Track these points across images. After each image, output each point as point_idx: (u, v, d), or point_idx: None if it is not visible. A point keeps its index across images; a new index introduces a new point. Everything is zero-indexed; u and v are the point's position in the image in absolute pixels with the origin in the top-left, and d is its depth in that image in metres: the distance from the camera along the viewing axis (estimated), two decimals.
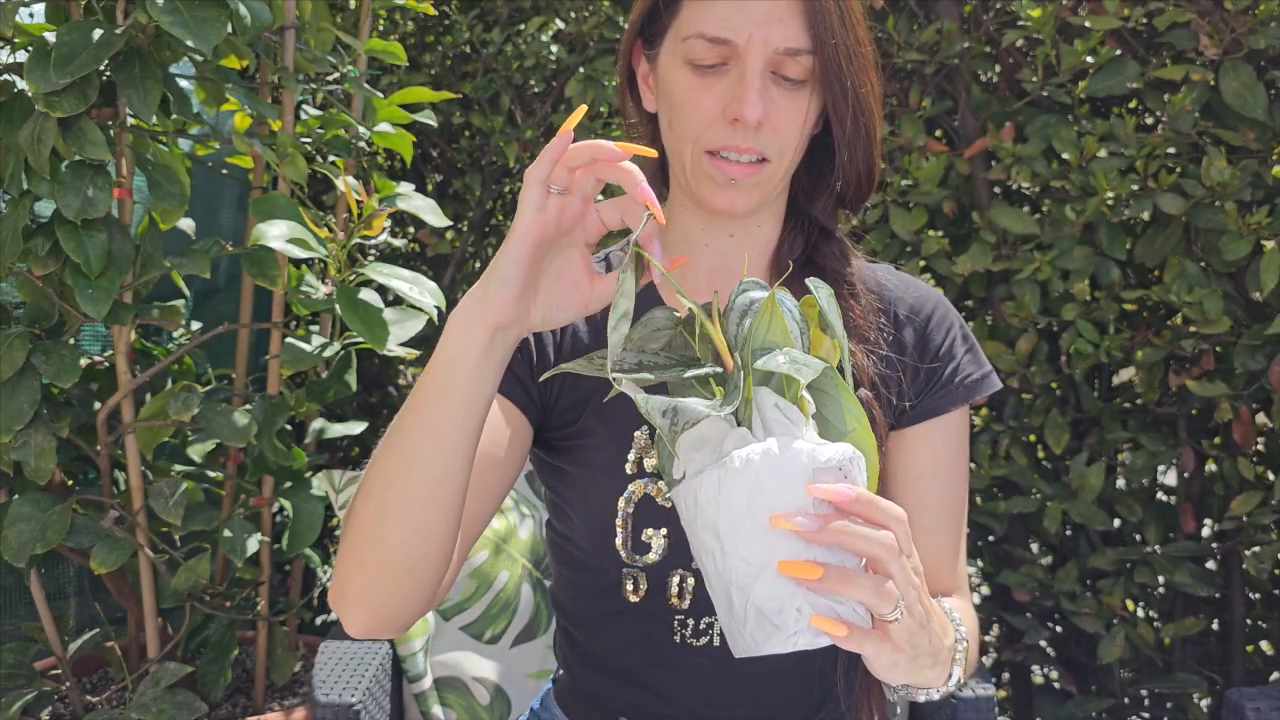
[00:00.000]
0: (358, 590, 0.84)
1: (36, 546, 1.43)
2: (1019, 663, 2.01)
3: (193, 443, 1.76)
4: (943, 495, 1.05)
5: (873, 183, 1.06)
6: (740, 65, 0.94)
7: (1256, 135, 1.64)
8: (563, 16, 2.29)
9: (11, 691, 1.53)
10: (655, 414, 0.67)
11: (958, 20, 1.86)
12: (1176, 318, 1.77)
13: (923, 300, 1.09)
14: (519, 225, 0.77)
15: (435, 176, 2.53)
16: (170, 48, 1.44)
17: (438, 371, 0.81)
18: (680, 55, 0.97)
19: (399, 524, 0.81)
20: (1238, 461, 1.68)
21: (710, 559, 0.70)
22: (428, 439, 0.80)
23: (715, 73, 0.96)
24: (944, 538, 1.04)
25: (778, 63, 0.95)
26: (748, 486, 0.67)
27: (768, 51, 0.93)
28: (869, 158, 1.03)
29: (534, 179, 0.77)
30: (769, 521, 0.66)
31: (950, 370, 1.06)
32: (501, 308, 0.78)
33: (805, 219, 1.08)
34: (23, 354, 1.41)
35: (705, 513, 0.69)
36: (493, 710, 1.56)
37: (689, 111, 0.97)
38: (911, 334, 1.07)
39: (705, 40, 0.94)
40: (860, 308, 1.04)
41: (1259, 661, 1.89)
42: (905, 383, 1.05)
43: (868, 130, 1.00)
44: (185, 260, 1.51)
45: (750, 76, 0.93)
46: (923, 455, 1.05)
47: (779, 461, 0.67)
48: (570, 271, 0.83)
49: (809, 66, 0.95)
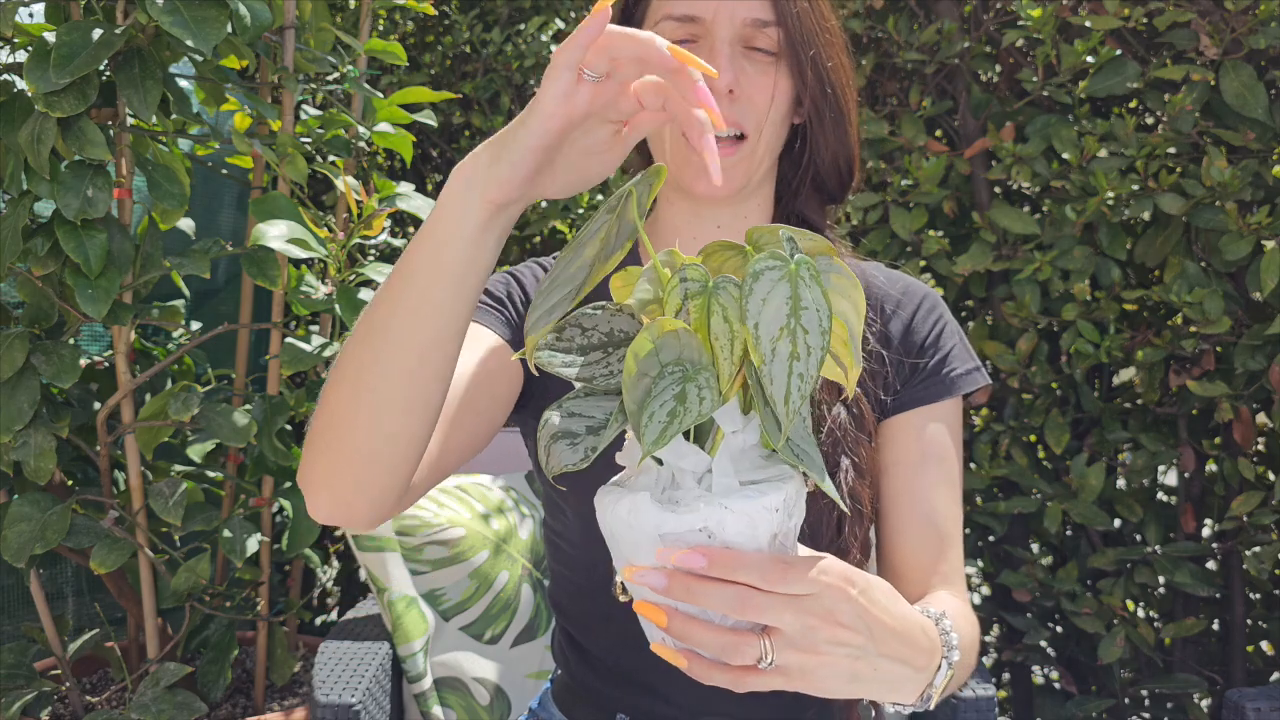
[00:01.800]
0: (323, 473, 0.78)
1: (36, 547, 1.43)
2: (1019, 663, 2.01)
3: (192, 443, 1.76)
4: (929, 486, 1.04)
5: (852, 168, 1.07)
6: (709, 40, 0.97)
7: (1257, 135, 1.64)
8: (562, 16, 2.29)
9: (11, 691, 1.53)
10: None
11: (958, 20, 1.86)
12: (1177, 318, 1.77)
13: (910, 292, 1.10)
14: (541, 109, 0.68)
15: (435, 176, 2.53)
16: (170, 48, 1.44)
17: (428, 242, 0.73)
18: None
19: (371, 403, 0.75)
20: (1238, 462, 1.68)
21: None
22: (412, 313, 0.73)
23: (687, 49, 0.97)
24: (928, 530, 1.04)
25: (747, 35, 0.98)
26: (630, 523, 0.65)
27: (734, 24, 0.97)
28: (844, 137, 1.05)
29: (563, 64, 0.68)
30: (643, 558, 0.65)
31: (936, 361, 1.06)
32: (510, 186, 0.71)
33: (792, 216, 1.09)
34: (22, 354, 1.41)
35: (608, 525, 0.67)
36: (492, 710, 1.56)
37: None
38: (898, 325, 1.07)
39: (674, 20, 0.98)
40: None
41: (1259, 662, 1.89)
42: (890, 374, 1.05)
43: (838, 106, 1.03)
44: (185, 260, 1.51)
45: (719, 45, 0.97)
46: (908, 445, 1.05)
47: (636, 518, 0.65)
48: (596, 147, 0.75)
49: (777, 39, 0.98)
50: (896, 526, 1.04)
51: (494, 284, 1.04)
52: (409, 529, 1.62)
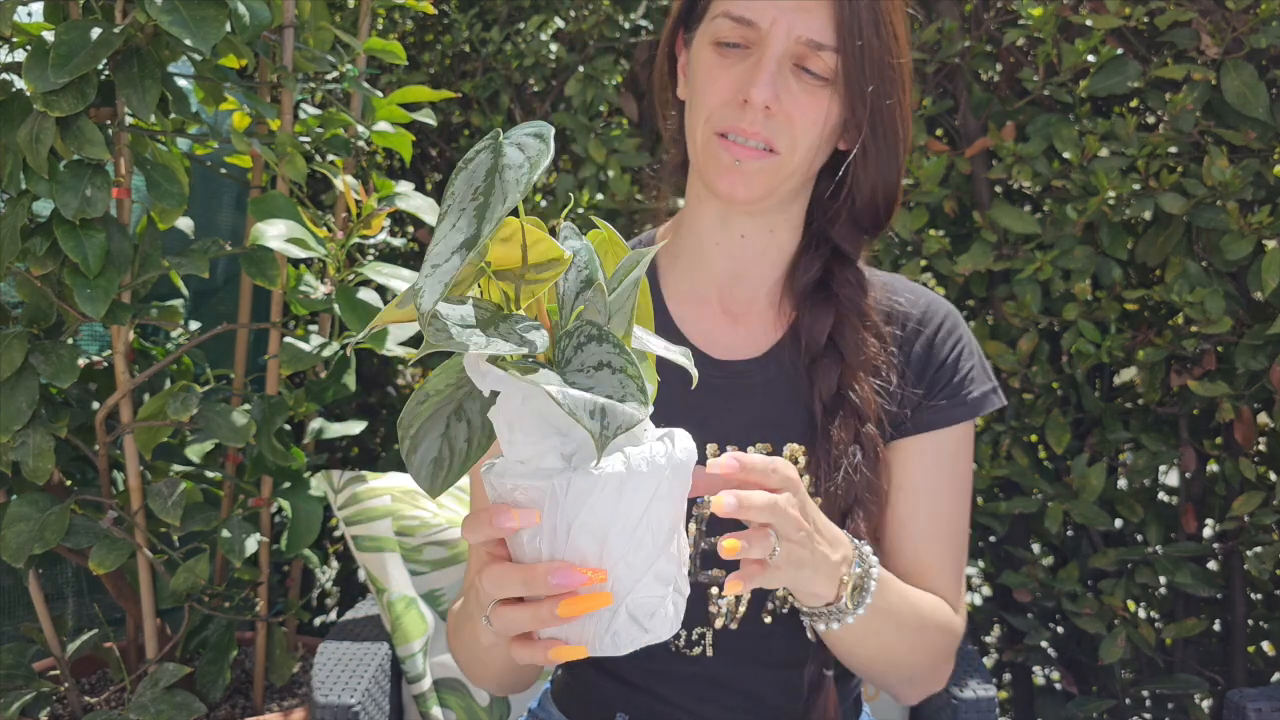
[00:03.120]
0: (476, 680, 1.08)
1: (35, 547, 1.42)
2: (1020, 663, 2.01)
3: (191, 443, 1.75)
4: (935, 509, 1.04)
5: (892, 206, 1.04)
6: (760, 49, 0.94)
7: (1258, 135, 1.64)
8: (562, 15, 2.29)
9: (10, 692, 1.53)
10: (582, 414, 0.59)
11: (958, 19, 1.86)
12: (1178, 318, 1.76)
13: (933, 312, 1.08)
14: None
15: (434, 176, 2.53)
16: (169, 47, 1.44)
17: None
18: (709, 35, 0.98)
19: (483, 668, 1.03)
20: (1239, 462, 1.68)
21: (577, 558, 0.66)
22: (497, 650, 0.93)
23: (737, 53, 0.96)
24: (933, 550, 1.03)
25: (800, 54, 0.94)
26: (650, 493, 0.64)
27: (789, 39, 0.93)
28: (889, 179, 1.01)
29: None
30: (657, 525, 0.65)
31: (956, 383, 1.05)
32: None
33: (824, 240, 1.07)
34: (21, 354, 1.40)
35: (594, 518, 0.64)
36: (492, 711, 1.56)
37: (705, 90, 0.97)
38: (921, 346, 1.06)
39: (731, 19, 0.95)
40: (872, 339, 1.03)
41: (1260, 662, 1.89)
42: (908, 414, 1.04)
43: (889, 144, 0.99)
44: (184, 260, 1.51)
45: (766, 60, 0.93)
46: (917, 467, 1.04)
47: (682, 468, 0.66)
48: None
49: (833, 65, 0.94)
50: (901, 548, 1.04)
51: None
52: (409, 529, 1.62)
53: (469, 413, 0.68)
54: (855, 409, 0.99)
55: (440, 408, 0.68)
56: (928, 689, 1.06)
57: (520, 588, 0.67)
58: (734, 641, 1.02)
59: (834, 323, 1.03)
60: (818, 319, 1.03)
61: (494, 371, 0.64)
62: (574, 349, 0.62)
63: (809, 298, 1.04)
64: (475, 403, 0.68)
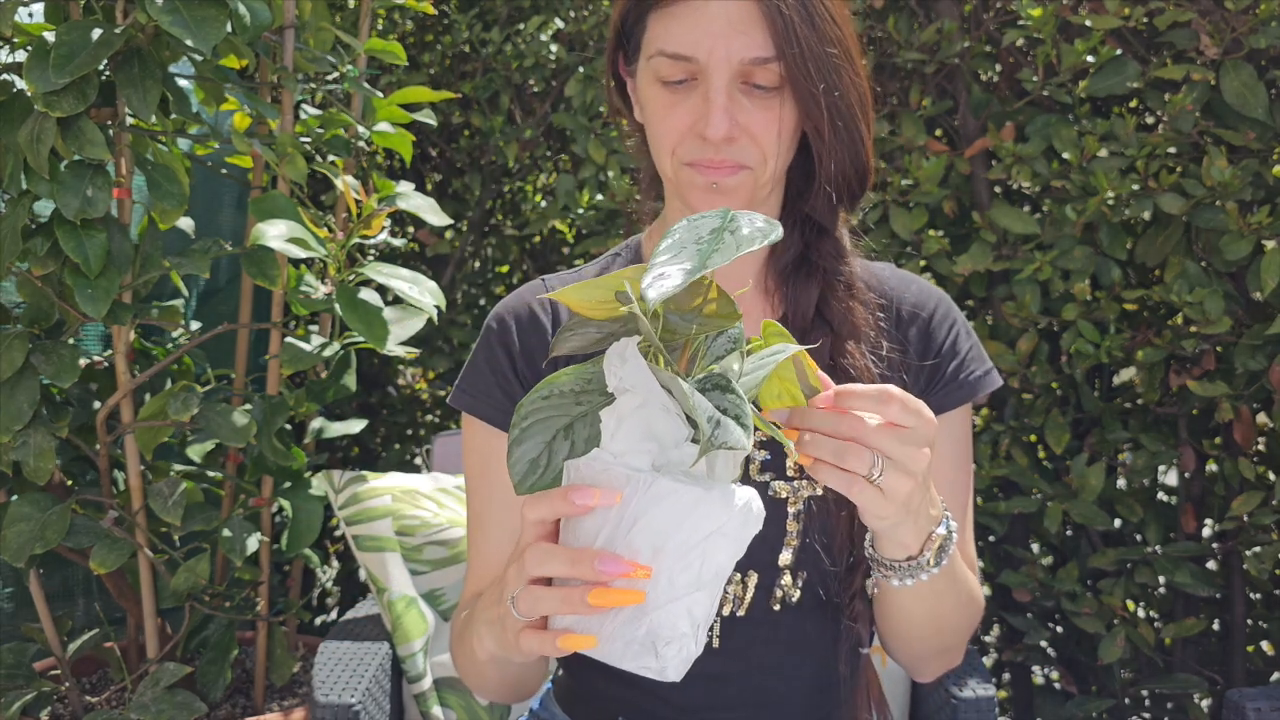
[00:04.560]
0: (476, 690, 1.04)
1: (35, 547, 1.43)
2: (1019, 663, 2.01)
3: (192, 443, 1.75)
4: (949, 491, 1.05)
5: (865, 182, 1.05)
6: (705, 81, 0.93)
7: (1257, 135, 1.64)
8: (562, 16, 2.29)
9: (11, 692, 1.53)
10: (702, 416, 0.63)
11: (958, 19, 1.86)
12: (1177, 318, 1.77)
13: (925, 297, 1.09)
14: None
15: (434, 176, 2.53)
16: (170, 47, 1.44)
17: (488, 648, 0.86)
18: (651, 72, 0.97)
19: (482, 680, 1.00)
20: (1238, 461, 1.68)
21: (628, 554, 0.68)
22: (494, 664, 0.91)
23: (685, 88, 0.95)
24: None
25: (746, 73, 0.93)
26: (718, 524, 0.67)
27: (732, 65, 0.92)
28: (857, 158, 1.01)
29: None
30: (710, 557, 0.68)
31: (954, 367, 1.06)
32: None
33: (801, 216, 1.08)
34: (22, 354, 1.40)
35: (660, 522, 0.66)
36: (493, 711, 1.56)
37: (662, 128, 0.97)
38: (915, 332, 1.06)
39: (667, 58, 0.94)
40: (859, 305, 1.04)
41: (1259, 662, 1.89)
42: (909, 382, 1.05)
43: (850, 132, 0.99)
44: (185, 260, 1.51)
45: (713, 94, 0.92)
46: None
47: (751, 520, 0.69)
48: None
49: (779, 72, 0.94)
50: None
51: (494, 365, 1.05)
52: (409, 529, 1.62)
53: (576, 434, 0.72)
54: (849, 376, 1.00)
55: (556, 413, 0.72)
56: (951, 662, 1.06)
57: (564, 567, 0.68)
58: (741, 631, 1.02)
59: (819, 295, 1.04)
60: (802, 293, 1.04)
61: (635, 365, 0.68)
62: (699, 389, 0.67)
63: (791, 274, 1.05)
64: (585, 429, 0.72)
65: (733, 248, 0.65)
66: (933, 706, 1.46)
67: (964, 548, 1.06)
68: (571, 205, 2.17)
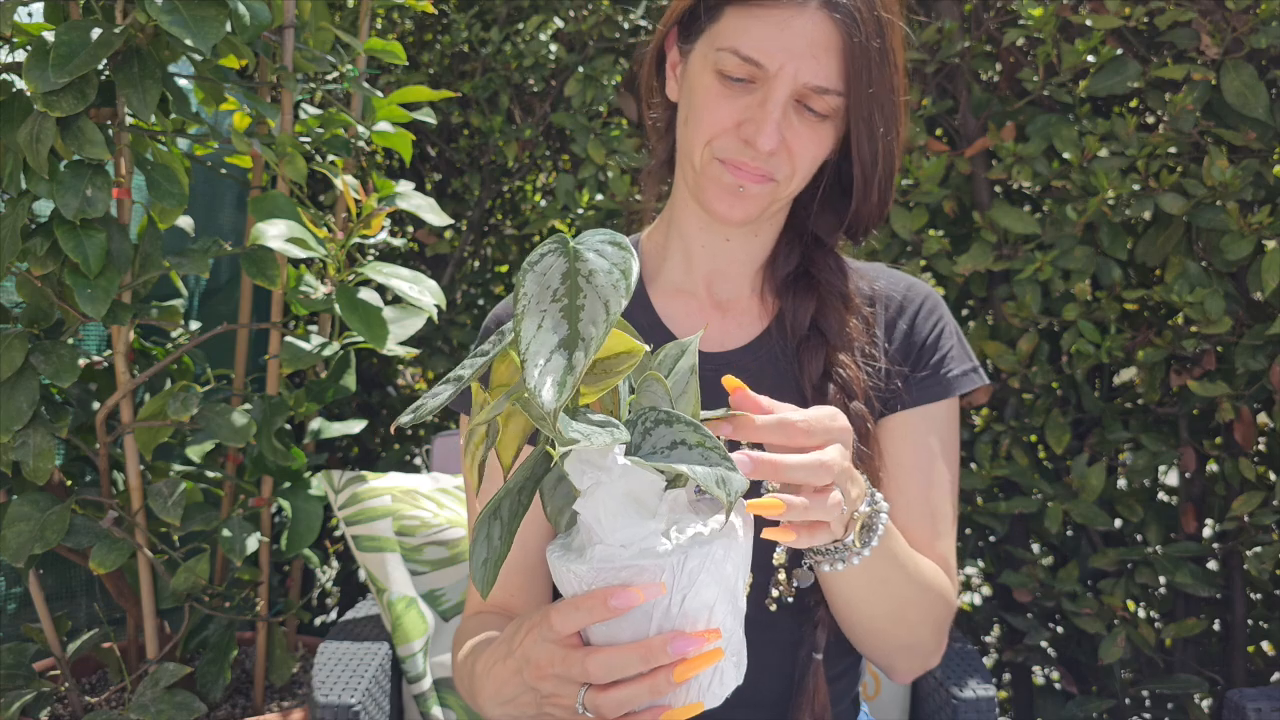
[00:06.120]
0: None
1: (35, 547, 1.42)
2: (1020, 663, 2.01)
3: (191, 443, 1.75)
4: (925, 486, 1.05)
5: (882, 218, 1.08)
6: (765, 90, 0.94)
7: (1258, 135, 1.64)
8: (562, 15, 2.29)
9: (10, 692, 1.53)
10: (712, 485, 0.62)
11: (958, 19, 1.86)
12: (1178, 318, 1.76)
13: (912, 292, 1.11)
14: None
15: (434, 176, 2.53)
16: (169, 47, 1.44)
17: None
18: (711, 61, 0.97)
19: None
20: (1239, 462, 1.68)
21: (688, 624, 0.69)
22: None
23: (741, 87, 0.96)
24: (926, 524, 1.05)
25: (804, 95, 0.95)
26: (742, 552, 0.70)
27: (796, 84, 0.94)
28: (884, 197, 1.04)
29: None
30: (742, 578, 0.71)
31: (935, 361, 1.07)
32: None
33: (805, 234, 1.09)
34: (22, 354, 1.40)
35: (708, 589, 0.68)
36: None
37: (707, 117, 0.97)
38: (901, 327, 1.08)
39: (738, 57, 0.94)
40: (853, 318, 1.06)
41: (1260, 662, 1.89)
42: (892, 374, 1.06)
43: (887, 173, 1.02)
44: (184, 260, 1.51)
45: (771, 106, 0.94)
46: (906, 446, 1.06)
47: (749, 523, 0.72)
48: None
49: (836, 105, 0.95)
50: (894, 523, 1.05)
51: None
52: (409, 529, 1.62)
53: (502, 511, 0.70)
54: (843, 386, 1.01)
55: (487, 511, 0.71)
56: (925, 662, 1.06)
57: (639, 665, 0.68)
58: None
59: (816, 306, 1.06)
60: (800, 304, 1.06)
61: (605, 464, 0.66)
62: (642, 435, 0.64)
63: (790, 285, 1.07)
64: (509, 502, 0.71)
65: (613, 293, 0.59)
66: (933, 707, 1.46)
67: (935, 543, 1.05)
68: (571, 205, 2.17)
